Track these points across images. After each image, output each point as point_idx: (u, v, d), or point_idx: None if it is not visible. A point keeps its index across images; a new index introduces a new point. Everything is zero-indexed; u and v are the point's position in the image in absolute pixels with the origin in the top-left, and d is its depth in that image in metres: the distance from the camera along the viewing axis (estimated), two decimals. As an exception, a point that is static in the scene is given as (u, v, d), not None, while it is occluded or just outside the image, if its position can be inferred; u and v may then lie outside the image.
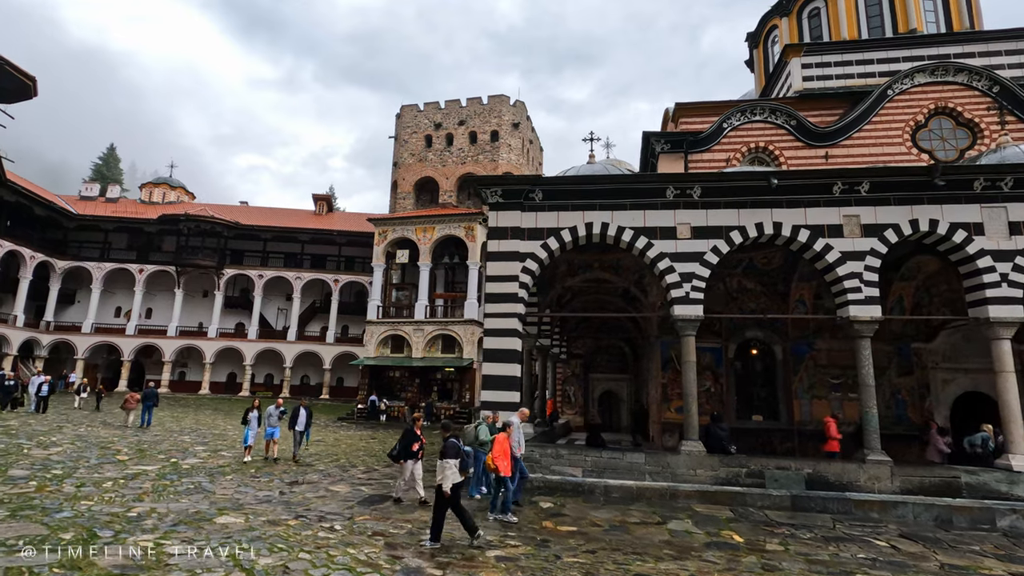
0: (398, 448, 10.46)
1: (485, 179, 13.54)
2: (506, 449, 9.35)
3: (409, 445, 10.23)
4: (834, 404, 15.65)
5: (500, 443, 9.37)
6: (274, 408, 15.05)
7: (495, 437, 9.62)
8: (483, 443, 10.73)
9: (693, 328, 12.51)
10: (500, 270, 13.24)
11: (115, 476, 11.42)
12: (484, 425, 11.12)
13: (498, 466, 9.14)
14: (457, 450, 7.75)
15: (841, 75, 19.18)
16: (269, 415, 14.92)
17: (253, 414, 14.83)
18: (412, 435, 10.35)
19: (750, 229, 12.55)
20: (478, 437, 10.93)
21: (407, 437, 10.36)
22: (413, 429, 10.44)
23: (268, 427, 14.83)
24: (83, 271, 43.80)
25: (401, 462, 10.36)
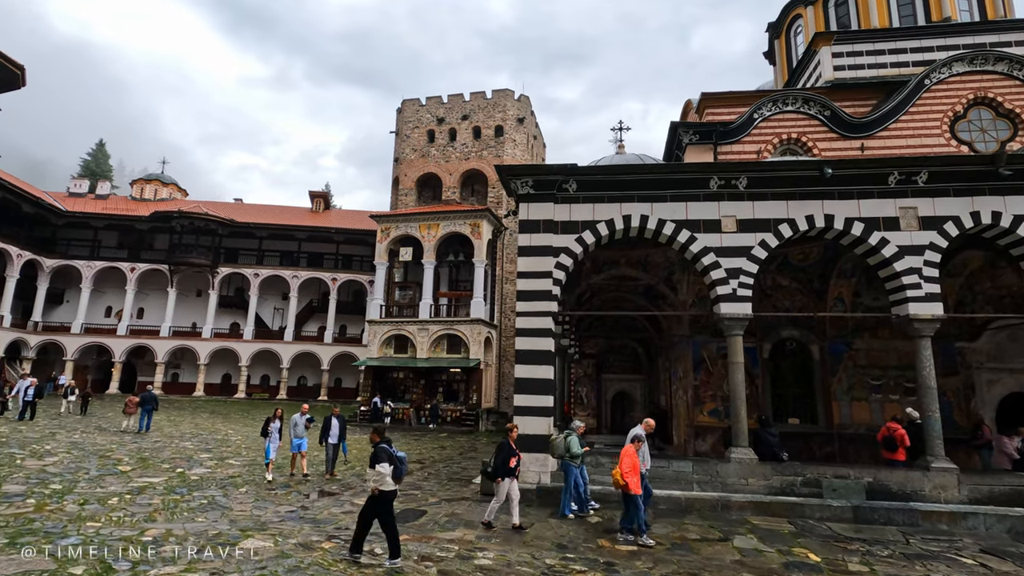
0: (494, 464, 9.16)
1: (515, 169, 12.72)
2: (635, 464, 8.49)
3: (507, 460, 9.08)
4: (874, 406, 14.99)
5: (629, 457, 8.48)
6: (300, 416, 13.17)
7: (623, 451, 8.68)
8: (574, 455, 9.81)
9: (741, 327, 11.75)
10: (532, 266, 12.42)
11: (120, 490, 10.47)
12: (575, 436, 10.10)
13: (628, 483, 8.24)
14: (391, 456, 7.00)
15: (873, 64, 18.55)
16: (295, 424, 13.05)
17: (275, 424, 12.92)
18: (509, 448, 9.20)
19: (800, 222, 11.81)
20: (569, 449, 9.90)
21: (504, 451, 9.15)
22: (509, 442, 9.31)
23: (294, 438, 12.95)
24: (72, 270, 42.40)
25: (498, 480, 9.06)
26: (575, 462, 9.84)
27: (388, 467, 6.89)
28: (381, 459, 6.93)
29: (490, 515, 9.07)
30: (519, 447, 11.76)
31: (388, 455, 6.98)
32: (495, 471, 9.08)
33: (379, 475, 6.89)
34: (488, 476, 9.29)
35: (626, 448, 8.68)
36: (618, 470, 8.44)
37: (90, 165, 69.13)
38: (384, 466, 6.89)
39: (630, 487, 8.27)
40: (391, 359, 32.23)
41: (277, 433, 12.84)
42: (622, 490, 8.43)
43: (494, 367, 34.19)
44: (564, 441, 10.00)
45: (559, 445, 10.09)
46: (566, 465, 9.91)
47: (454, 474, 14.87)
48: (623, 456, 8.56)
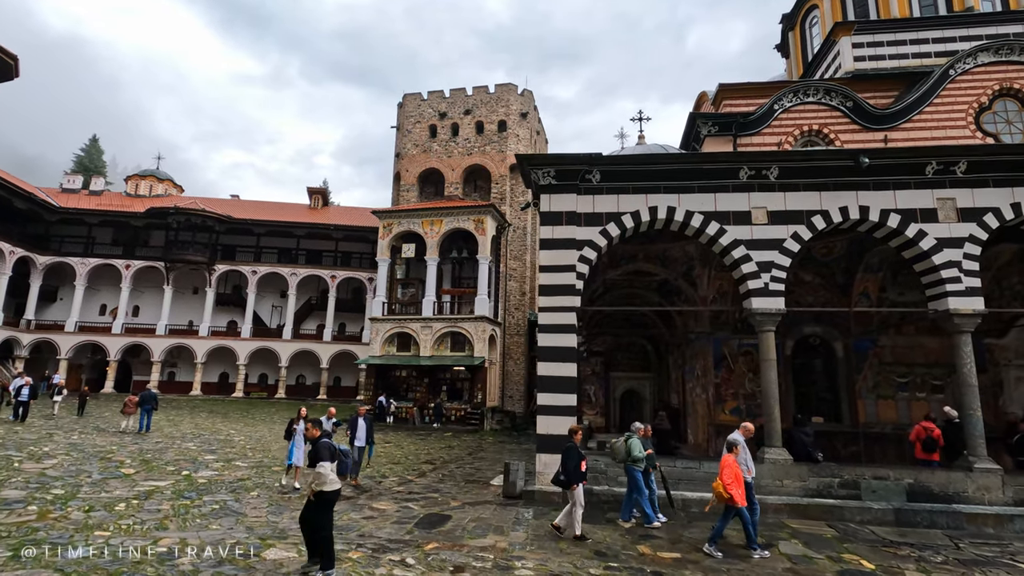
0: (567, 470, 8.48)
1: (536, 158, 12.23)
2: (738, 474, 7.86)
3: (579, 464, 8.54)
4: (901, 405, 14.60)
5: (730, 467, 7.84)
6: (326, 419, 11.80)
7: (723, 459, 8.04)
8: (636, 459, 9.28)
9: (773, 323, 11.32)
10: (555, 259, 11.93)
11: (126, 495, 9.92)
12: (636, 438, 9.54)
13: (732, 495, 7.62)
14: (333, 452, 6.37)
15: (895, 55, 18.16)
16: None
17: (300, 425, 11.43)
18: (578, 452, 8.64)
19: (834, 214, 11.39)
20: (630, 452, 9.37)
21: (574, 455, 8.56)
22: (576, 445, 8.77)
23: None
24: (66, 267, 41.54)
25: (573, 487, 8.38)
26: (638, 466, 9.28)
27: (329, 465, 6.21)
28: (322, 456, 6.23)
29: (577, 526, 8.37)
30: (542, 447, 11.35)
31: (330, 451, 6.33)
32: (569, 478, 8.45)
33: (319, 475, 6.16)
34: (561, 484, 8.60)
35: (725, 458, 7.98)
36: (719, 482, 7.77)
37: (83, 161, 68.01)
38: (325, 465, 6.20)
39: (735, 500, 7.62)
40: (394, 357, 31.68)
41: (303, 436, 11.53)
42: (725, 504, 7.77)
43: (498, 365, 33.71)
44: (625, 444, 9.44)
45: (620, 449, 9.50)
46: (629, 469, 9.37)
47: (469, 475, 14.39)
48: (723, 467, 7.86)
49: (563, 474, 8.51)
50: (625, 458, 9.41)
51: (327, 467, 6.18)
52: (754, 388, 15.27)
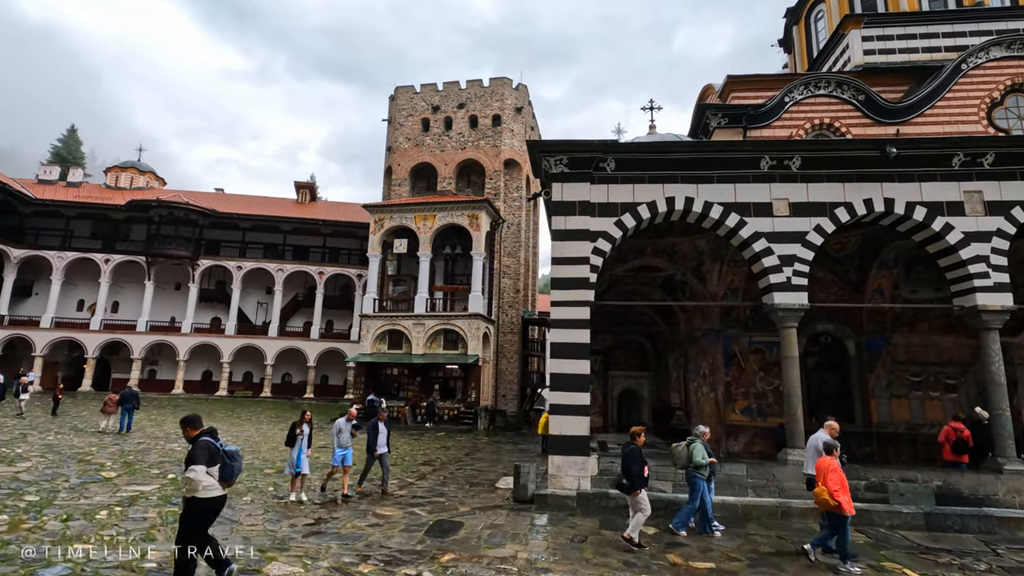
0: (630, 475, 7.93)
1: (548, 144, 11.64)
2: (843, 479, 7.25)
3: (643, 468, 7.99)
4: (914, 404, 14.28)
5: (836, 472, 7.22)
6: (345, 422, 10.83)
7: (822, 462, 7.42)
8: (699, 466, 8.55)
9: (796, 319, 10.87)
10: (568, 251, 11.36)
11: (107, 501, 9.15)
12: (700, 444, 8.80)
13: (840, 502, 7.03)
14: (214, 453, 5.43)
15: (905, 49, 17.91)
16: (339, 431, 10.68)
17: (305, 430, 10.21)
18: (642, 456, 8.08)
19: (858, 206, 10.98)
20: (692, 458, 8.62)
21: (638, 459, 7.99)
22: (638, 448, 8.17)
23: (338, 448, 10.56)
24: (41, 260, 40.02)
25: (637, 492, 7.89)
26: (701, 473, 8.56)
27: (203, 469, 5.27)
28: (196, 459, 5.29)
29: (634, 531, 7.83)
30: (555, 449, 10.78)
31: (210, 452, 5.38)
32: (634, 483, 7.87)
33: (190, 480, 5.26)
34: (624, 489, 8.00)
35: (828, 461, 7.34)
36: (823, 487, 7.15)
37: (61, 152, 65.92)
38: (198, 469, 5.24)
39: (843, 507, 7.05)
40: (385, 355, 30.88)
41: (307, 441, 10.18)
42: (831, 511, 7.20)
43: (491, 364, 33.08)
44: (687, 449, 8.70)
45: (681, 454, 8.75)
46: (691, 477, 8.63)
47: (472, 478, 13.78)
48: (827, 470, 7.21)
49: (626, 478, 7.92)
50: (687, 464, 8.64)
51: (200, 471, 5.25)
52: (765, 387, 14.89)
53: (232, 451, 5.62)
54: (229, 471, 5.54)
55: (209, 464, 5.33)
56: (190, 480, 5.25)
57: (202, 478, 5.25)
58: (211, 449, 5.42)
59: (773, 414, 14.63)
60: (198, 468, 5.26)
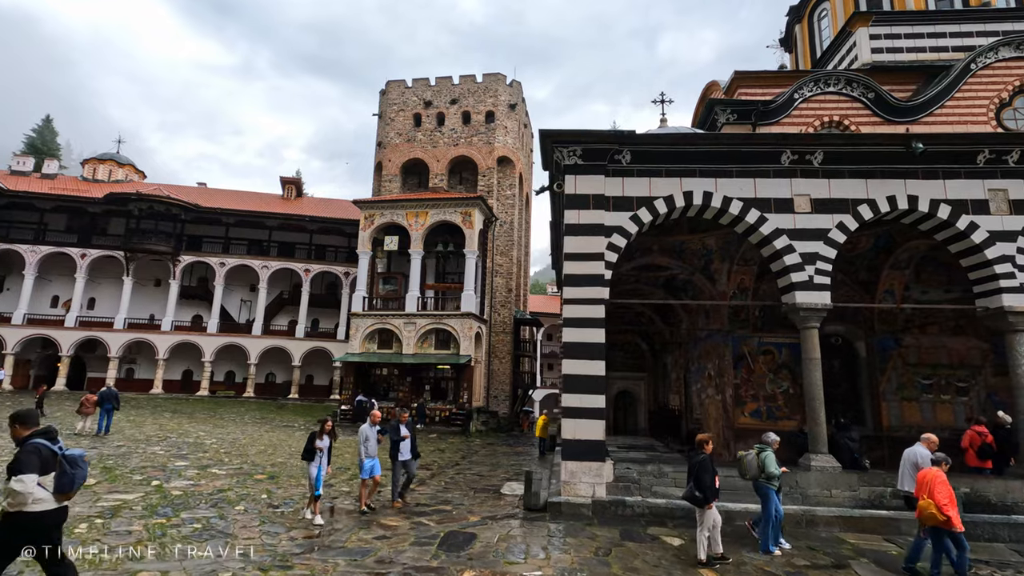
0: (702, 486, 7.32)
1: (562, 134, 11.11)
2: (951, 493, 6.70)
3: (714, 479, 7.41)
4: (924, 407, 14.03)
5: (944, 484, 6.66)
6: (371, 427, 9.64)
7: (927, 474, 6.84)
8: (771, 476, 7.84)
9: (818, 319, 10.50)
10: (581, 247, 10.86)
11: (87, 512, 8.41)
12: (771, 452, 8.12)
13: (949, 516, 6.50)
14: (47, 459, 4.42)
15: (912, 48, 17.77)
16: (365, 439, 9.49)
17: (324, 442, 9.00)
18: (712, 466, 7.52)
19: (881, 203, 10.64)
20: (765, 468, 7.85)
21: (709, 469, 7.40)
22: (708, 457, 7.59)
23: (366, 458, 9.37)
24: (13, 255, 38.41)
25: (710, 505, 7.33)
26: (772, 484, 7.86)
27: (34, 479, 4.28)
28: (23, 467, 4.29)
29: (705, 548, 7.26)
30: (569, 454, 10.25)
31: (41, 458, 4.38)
32: (707, 495, 7.29)
33: (13, 492, 4.24)
34: (696, 502, 7.40)
35: (934, 473, 6.79)
36: (930, 501, 6.60)
37: (35, 142, 63.73)
38: (26, 479, 4.24)
39: (952, 522, 6.53)
40: (374, 354, 30.09)
41: (327, 455, 9.07)
42: (939, 527, 6.67)
43: (483, 364, 32.48)
44: (757, 459, 7.97)
45: (751, 464, 7.94)
46: (762, 488, 7.89)
47: (473, 483, 13.20)
48: (934, 483, 6.65)
49: (699, 490, 7.32)
50: (757, 475, 7.88)
51: (30, 482, 4.25)
52: (775, 389, 14.53)
53: (74, 456, 4.57)
54: (68, 481, 4.46)
55: (41, 472, 4.33)
56: (15, 493, 4.23)
57: (32, 490, 4.26)
58: (43, 454, 4.39)
59: (783, 417, 14.29)
60: (26, 478, 4.25)
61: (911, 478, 7.67)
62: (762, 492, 7.89)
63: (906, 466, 8.21)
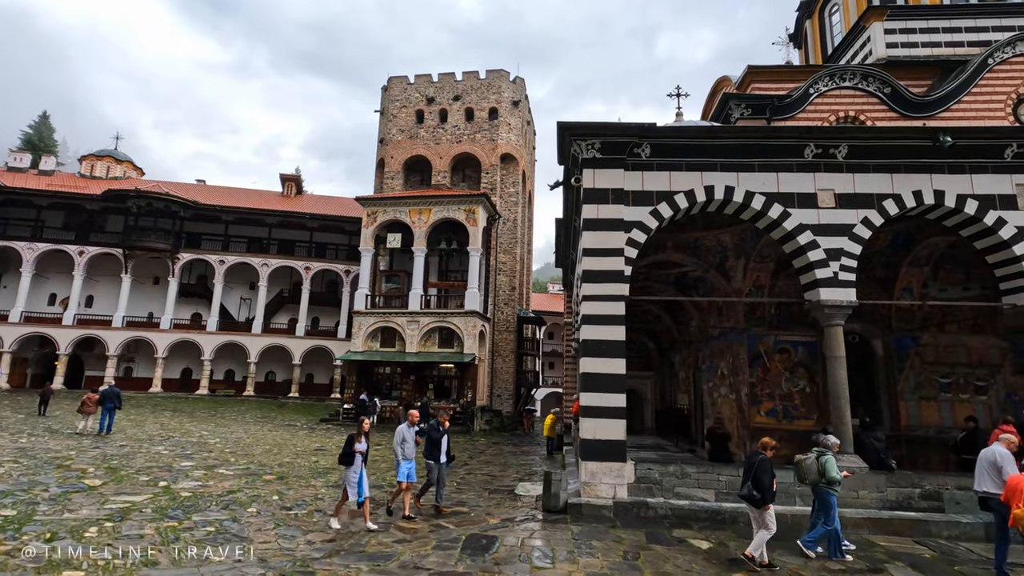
0: (760, 487, 7.07)
1: (580, 127, 10.85)
2: None
3: (772, 481, 7.16)
4: (943, 406, 13.84)
5: None
6: (408, 427, 9.21)
7: (1016, 480, 6.51)
8: (833, 481, 7.51)
9: (843, 316, 10.28)
10: (601, 242, 10.60)
11: (95, 515, 8.11)
12: (831, 456, 7.58)
13: None
14: None
15: (927, 43, 17.60)
16: (402, 440, 9.04)
17: (363, 445, 8.42)
18: (771, 467, 7.24)
19: (907, 198, 10.42)
20: (826, 473, 7.52)
21: (768, 470, 7.14)
22: (768, 459, 7.31)
23: (403, 460, 8.93)
24: (10, 252, 37.99)
25: (767, 507, 7.10)
26: (834, 489, 7.57)
27: None
28: None
29: (757, 550, 7.02)
30: (588, 455, 10.01)
31: None
32: (765, 496, 7.04)
33: None
34: (755, 503, 7.14)
35: (1020, 480, 6.45)
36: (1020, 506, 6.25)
37: (32, 139, 63.09)
38: None
39: None
40: (377, 353, 29.82)
41: (365, 458, 8.49)
42: None
43: (487, 363, 32.22)
44: (817, 463, 7.65)
45: (810, 468, 7.63)
46: (823, 493, 7.60)
47: (486, 483, 12.93)
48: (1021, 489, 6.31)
49: (758, 491, 7.07)
50: (817, 479, 7.58)
51: None
52: (791, 388, 14.32)
53: None
54: None
55: None
56: None
57: None
58: None
59: (800, 416, 14.08)
60: None
61: (989, 478, 7.38)
62: (823, 498, 7.56)
63: (983, 465, 7.96)
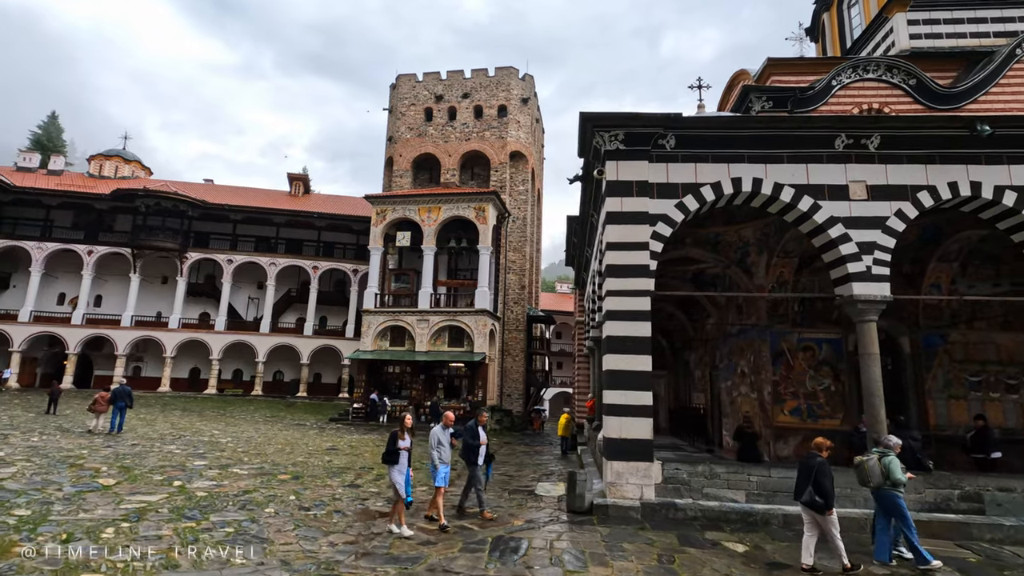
0: (823, 491, 6.73)
1: (603, 117, 10.57)
2: None
3: (832, 484, 6.84)
4: (973, 405, 13.47)
5: None
6: (442, 429, 8.71)
7: None
8: (897, 483, 7.14)
9: (876, 312, 9.95)
10: (625, 235, 10.32)
11: (111, 515, 7.89)
12: (895, 458, 7.13)
13: None
14: None
15: (952, 34, 17.25)
16: (438, 443, 8.55)
17: (406, 442, 7.99)
18: (830, 469, 6.91)
19: (942, 190, 10.08)
20: (891, 475, 7.07)
21: (828, 473, 6.82)
22: (826, 460, 6.96)
23: (440, 463, 8.47)
24: (20, 251, 37.99)
25: (831, 512, 6.78)
26: (899, 491, 7.20)
27: None
28: None
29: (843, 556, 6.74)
30: (613, 454, 9.73)
31: None
32: (828, 500, 6.72)
33: None
34: (817, 508, 6.79)
35: None
36: None
37: (41, 138, 63.24)
38: None
39: None
40: (387, 352, 29.61)
41: (407, 457, 8.01)
42: None
43: (497, 362, 31.96)
44: (880, 464, 7.25)
45: (873, 470, 7.17)
46: (888, 496, 7.18)
47: (504, 484, 12.67)
48: None
49: (820, 496, 6.74)
50: (881, 482, 7.15)
51: None
52: (815, 387, 13.99)
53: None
54: None
55: None
56: None
57: None
58: None
59: (825, 415, 13.76)
60: None
61: None
62: (888, 501, 7.20)
63: None
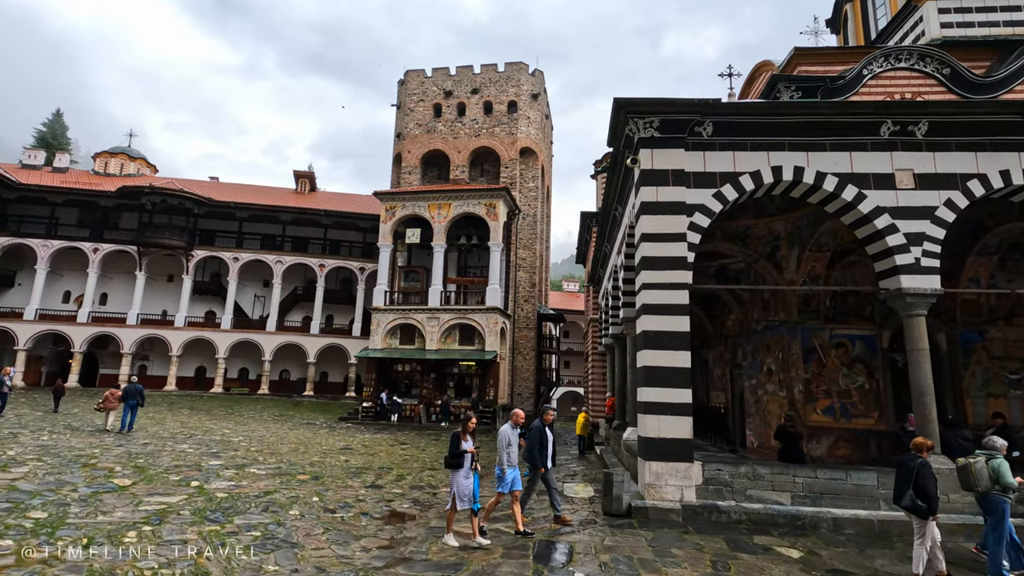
0: (925, 495, 6.25)
1: (637, 103, 10.15)
2: None
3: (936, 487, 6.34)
4: (1013, 403, 13.03)
5: None
6: (511, 428, 8.01)
7: None
8: (1008, 487, 6.52)
9: (926, 305, 9.53)
10: (661, 227, 9.91)
11: (131, 517, 7.50)
12: (1003, 459, 6.50)
13: None
14: None
15: (984, 23, 16.82)
16: (508, 443, 7.80)
17: (469, 443, 7.37)
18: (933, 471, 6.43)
19: (993, 178, 9.66)
20: (1000, 479, 6.43)
21: (930, 475, 6.35)
22: (928, 462, 6.49)
23: (508, 468, 7.73)
24: (25, 249, 37.69)
25: (935, 517, 6.32)
26: (1009, 496, 6.64)
27: None
28: None
29: (923, 563, 6.26)
30: (650, 454, 9.32)
31: None
32: (931, 505, 6.24)
33: None
34: (920, 513, 6.30)
35: None
36: None
37: (46, 136, 63.00)
38: None
39: None
40: (397, 350, 29.23)
41: (471, 460, 7.37)
42: None
43: (507, 360, 31.56)
44: (988, 467, 6.53)
45: (980, 473, 6.53)
46: (996, 501, 6.57)
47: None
48: None
49: (922, 499, 6.26)
50: (990, 486, 6.53)
51: None
52: (849, 385, 13.57)
53: None
54: None
55: None
56: None
57: None
58: None
59: (858, 415, 13.34)
60: None
61: None
62: (995, 506, 6.65)
63: None
